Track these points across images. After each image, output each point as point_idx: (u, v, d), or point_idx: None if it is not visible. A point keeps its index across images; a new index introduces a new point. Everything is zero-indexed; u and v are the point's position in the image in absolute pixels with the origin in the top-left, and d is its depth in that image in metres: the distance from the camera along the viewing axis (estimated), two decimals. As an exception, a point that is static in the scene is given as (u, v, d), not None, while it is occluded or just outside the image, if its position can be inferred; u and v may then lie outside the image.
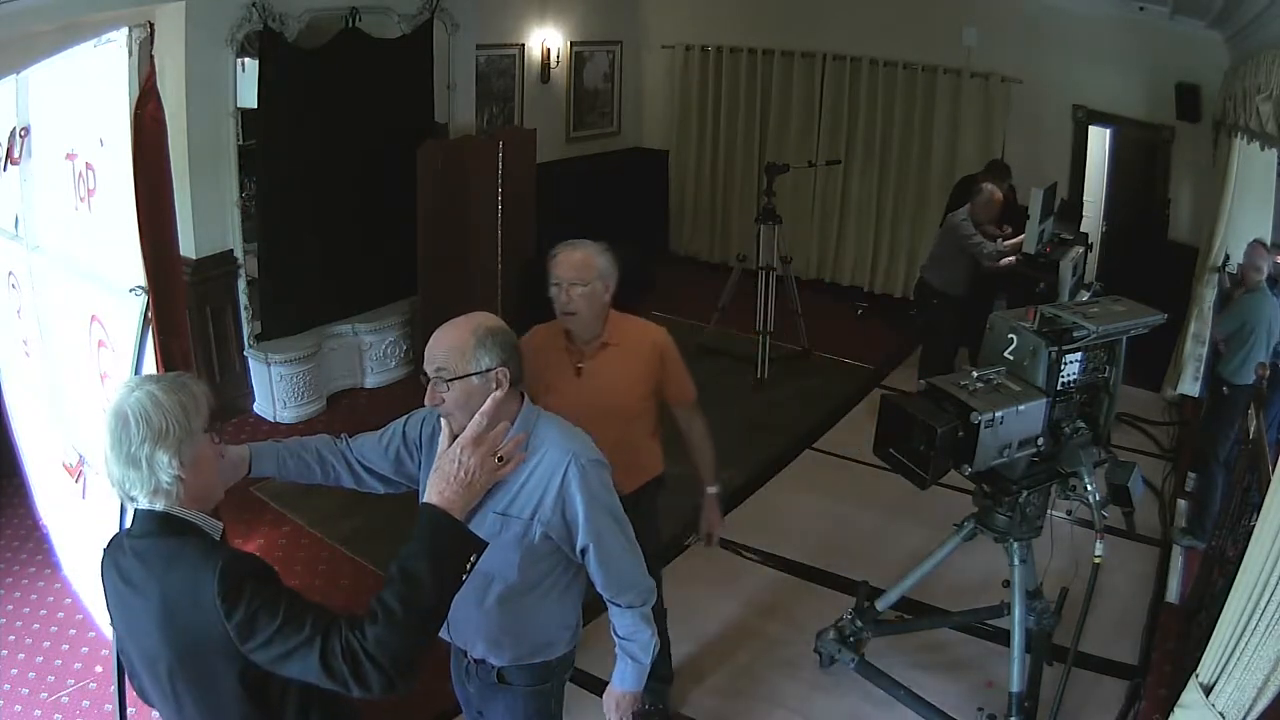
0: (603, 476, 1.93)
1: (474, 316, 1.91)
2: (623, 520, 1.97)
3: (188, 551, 1.50)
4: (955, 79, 6.91)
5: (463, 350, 1.83)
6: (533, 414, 1.96)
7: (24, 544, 4.02)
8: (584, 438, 1.97)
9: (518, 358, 1.90)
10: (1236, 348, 4.17)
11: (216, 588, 1.42)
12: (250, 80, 5.06)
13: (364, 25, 5.43)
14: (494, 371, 1.84)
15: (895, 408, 2.74)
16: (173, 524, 1.53)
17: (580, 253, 2.54)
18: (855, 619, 3.30)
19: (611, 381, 2.62)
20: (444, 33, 5.97)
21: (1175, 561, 4.14)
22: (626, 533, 1.98)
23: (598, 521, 1.91)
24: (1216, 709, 2.20)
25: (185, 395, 1.55)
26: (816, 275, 7.92)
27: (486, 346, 1.84)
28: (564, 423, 1.99)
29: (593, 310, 2.57)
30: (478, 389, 1.83)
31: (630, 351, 2.66)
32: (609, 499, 1.94)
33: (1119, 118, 6.35)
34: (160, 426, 1.49)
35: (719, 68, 8.02)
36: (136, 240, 2.35)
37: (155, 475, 1.49)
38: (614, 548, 1.95)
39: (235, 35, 4.82)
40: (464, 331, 1.86)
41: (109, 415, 1.51)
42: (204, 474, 1.56)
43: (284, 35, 4.99)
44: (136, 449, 1.48)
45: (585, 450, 1.92)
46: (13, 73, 2.89)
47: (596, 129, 8.21)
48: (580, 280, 2.52)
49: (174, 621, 1.47)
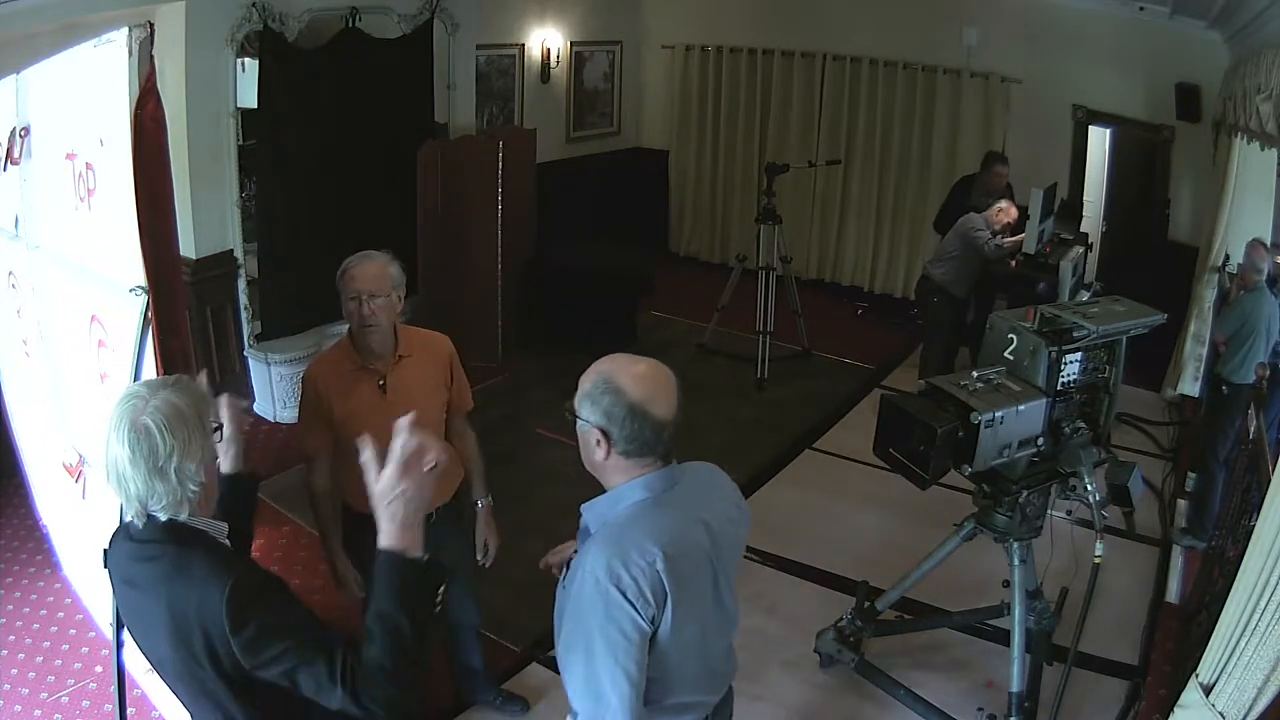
0: (610, 596, 1.57)
1: (620, 361, 1.68)
2: (598, 655, 1.59)
3: (195, 562, 1.47)
4: (955, 79, 6.91)
5: (582, 389, 1.67)
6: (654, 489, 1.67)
7: (24, 544, 4.02)
8: (633, 546, 1.60)
9: (633, 426, 1.61)
10: (1236, 347, 4.17)
11: (225, 608, 1.41)
12: (250, 80, 5.07)
13: (364, 25, 5.43)
14: (594, 430, 1.64)
15: (895, 408, 2.74)
16: (180, 531, 1.50)
17: (374, 264, 2.51)
18: (855, 619, 3.30)
19: (416, 393, 2.57)
20: (444, 33, 5.97)
21: (1175, 561, 4.14)
22: (595, 656, 1.59)
23: (573, 629, 1.63)
24: (1216, 709, 2.21)
25: (198, 398, 1.53)
26: (816, 275, 7.92)
27: (593, 399, 1.64)
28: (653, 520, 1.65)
29: (389, 321, 2.54)
30: (585, 438, 1.67)
31: (426, 360, 2.65)
32: (599, 620, 1.59)
33: (1119, 118, 6.35)
34: (185, 437, 1.46)
35: (719, 68, 8.03)
36: (136, 240, 2.35)
37: (183, 486, 1.46)
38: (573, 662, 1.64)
39: (235, 35, 4.82)
40: (592, 371, 1.68)
41: (124, 428, 1.45)
42: (211, 479, 1.55)
43: (284, 35, 4.99)
44: (164, 462, 1.44)
45: (620, 560, 1.59)
46: (13, 72, 2.89)
47: (596, 129, 8.21)
48: (379, 291, 2.48)
49: (179, 630, 1.45)
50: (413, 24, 5.72)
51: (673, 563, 1.60)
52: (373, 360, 2.57)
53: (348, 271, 2.50)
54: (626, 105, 8.43)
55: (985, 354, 2.88)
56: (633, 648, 1.57)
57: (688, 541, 1.67)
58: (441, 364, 2.71)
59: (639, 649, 1.58)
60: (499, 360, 6.19)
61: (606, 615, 1.56)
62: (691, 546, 1.67)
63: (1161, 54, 5.76)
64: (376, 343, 2.55)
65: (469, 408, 2.82)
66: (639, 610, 1.56)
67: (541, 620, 3.63)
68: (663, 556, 1.58)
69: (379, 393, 2.55)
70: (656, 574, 1.58)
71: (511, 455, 5.00)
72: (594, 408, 1.63)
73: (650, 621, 1.59)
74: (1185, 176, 6.00)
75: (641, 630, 1.58)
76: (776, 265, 6.12)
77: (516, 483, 4.69)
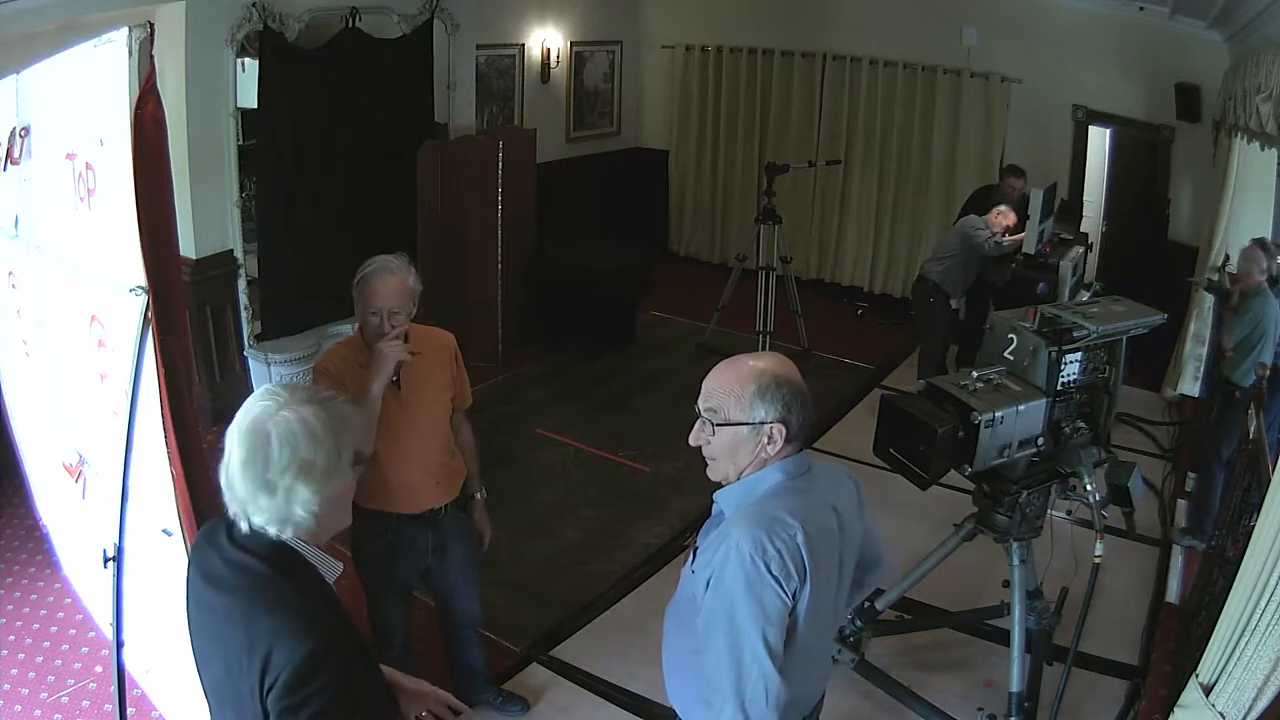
0: (755, 568, 1.58)
1: (765, 357, 1.72)
2: (740, 628, 1.59)
3: (288, 599, 1.36)
4: (955, 79, 6.91)
5: (739, 395, 1.65)
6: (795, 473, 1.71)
7: (24, 544, 4.02)
8: (775, 521, 1.61)
9: (802, 412, 1.67)
10: (1246, 351, 4.12)
11: (289, 672, 1.30)
12: (250, 80, 5.06)
13: (364, 25, 5.43)
14: (769, 426, 1.65)
15: (895, 408, 2.74)
16: (285, 555, 1.39)
17: (396, 278, 2.50)
18: (855, 619, 3.30)
19: (427, 390, 2.62)
20: (444, 33, 5.97)
21: (1175, 561, 4.14)
22: (737, 630, 1.59)
23: (714, 605, 1.62)
24: (1216, 709, 2.21)
25: (341, 426, 1.39)
26: (816, 275, 7.92)
27: (768, 398, 1.64)
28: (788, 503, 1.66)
29: (406, 329, 2.55)
30: (746, 440, 1.67)
31: (433, 357, 2.68)
32: (741, 593, 1.59)
33: (1119, 118, 6.35)
34: (310, 459, 1.34)
35: (719, 68, 8.03)
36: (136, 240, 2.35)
37: (289, 507, 1.35)
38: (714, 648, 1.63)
39: (235, 35, 4.82)
40: (745, 374, 1.67)
41: (244, 429, 1.36)
42: (336, 509, 1.42)
43: (284, 35, 4.99)
44: (276, 475, 1.34)
45: (762, 535, 1.59)
46: (13, 72, 2.89)
47: (596, 129, 8.21)
48: (401, 308, 2.49)
49: (236, 652, 1.36)
50: (413, 24, 5.72)
51: (811, 540, 1.61)
52: None
53: (369, 285, 2.47)
54: (626, 105, 8.44)
55: (985, 354, 2.87)
56: (775, 621, 1.58)
57: (822, 523, 1.69)
58: (448, 360, 2.73)
59: (779, 623, 1.59)
60: (499, 360, 6.19)
61: (748, 588, 1.57)
62: (825, 529, 1.70)
63: (1161, 54, 5.76)
64: None
65: (469, 404, 2.85)
66: (782, 584, 1.58)
67: (541, 620, 3.68)
68: (803, 531, 1.60)
69: (393, 390, 2.56)
70: (797, 547, 1.59)
71: (511, 455, 5.00)
72: (770, 404, 1.64)
73: (791, 597, 1.60)
74: (1185, 176, 6.00)
75: (783, 604, 1.59)
76: (776, 265, 6.13)
77: (516, 483, 4.69)
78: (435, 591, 2.94)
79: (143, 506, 2.47)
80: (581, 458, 5.06)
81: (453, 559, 2.81)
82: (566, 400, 5.82)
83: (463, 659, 3.11)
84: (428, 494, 2.68)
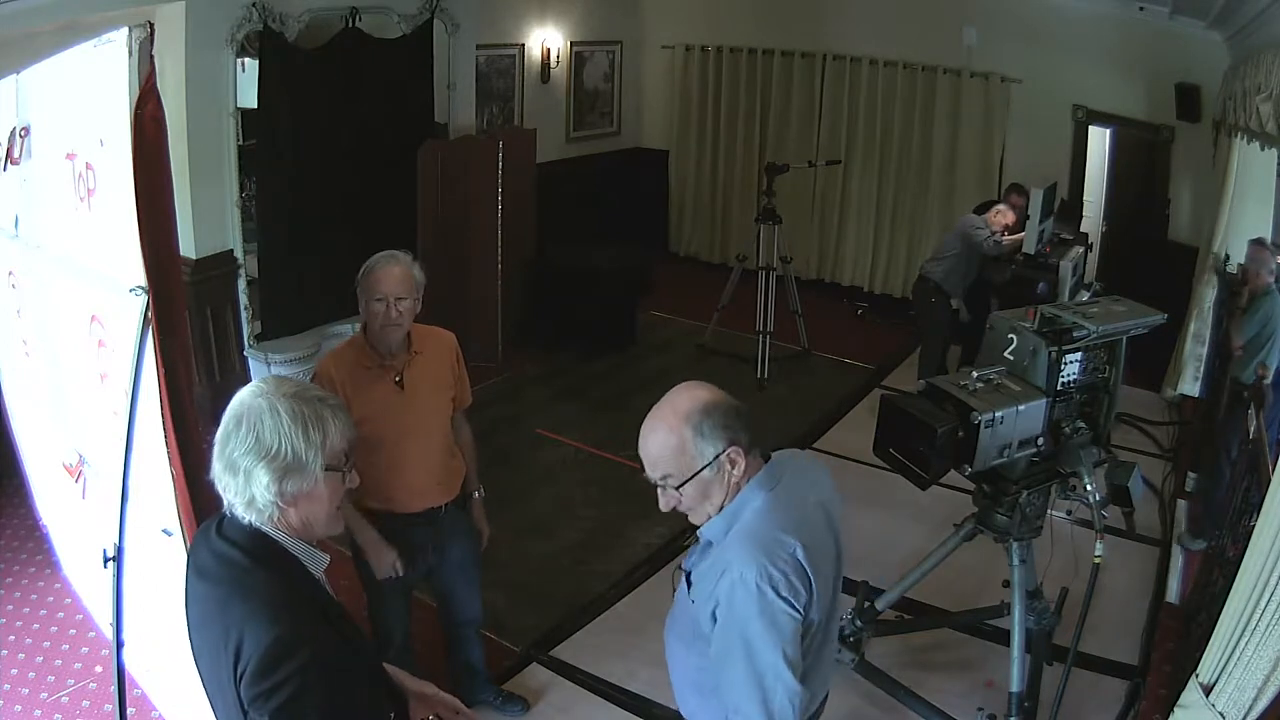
0: (763, 595, 1.58)
1: (677, 401, 1.67)
2: (758, 653, 1.60)
3: (260, 587, 1.37)
4: (955, 79, 6.91)
5: (681, 450, 1.63)
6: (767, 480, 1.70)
7: (24, 544, 4.02)
8: (775, 543, 1.62)
9: (741, 424, 1.67)
10: (1255, 351, 4.14)
11: (255, 662, 1.31)
12: (250, 80, 5.07)
13: (364, 25, 5.43)
14: (723, 456, 1.64)
15: (895, 408, 2.74)
16: (263, 544, 1.41)
17: (400, 266, 2.53)
18: (855, 619, 3.30)
19: (429, 389, 2.64)
20: (444, 33, 5.97)
21: (1175, 561, 4.14)
22: (755, 654, 1.60)
23: (728, 636, 1.62)
24: (1216, 709, 2.21)
25: (314, 425, 1.41)
26: (816, 275, 7.92)
27: (704, 434, 1.63)
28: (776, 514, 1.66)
29: (410, 322, 2.58)
30: (711, 480, 1.66)
31: (436, 356, 2.69)
32: (754, 619, 1.60)
33: (1119, 118, 6.35)
34: (271, 447, 1.38)
35: (719, 68, 8.03)
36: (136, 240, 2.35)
37: (250, 489, 1.39)
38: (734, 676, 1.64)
39: (235, 35, 4.82)
40: (674, 425, 1.64)
41: (228, 411, 1.41)
42: (312, 510, 1.44)
43: (284, 35, 4.99)
44: (239, 456, 1.38)
45: (762, 561, 1.59)
46: (13, 72, 2.88)
47: (596, 129, 8.21)
48: (406, 295, 2.52)
49: (215, 644, 1.38)
50: (413, 24, 5.72)
51: (809, 550, 1.63)
52: (389, 358, 2.60)
53: (373, 273, 2.51)
54: (626, 105, 8.44)
55: (985, 354, 2.87)
56: (791, 639, 1.60)
57: (815, 527, 1.72)
58: (449, 359, 2.75)
59: (795, 638, 1.61)
60: (499, 360, 6.19)
61: (761, 613, 1.58)
62: (818, 532, 1.72)
63: (1161, 54, 5.76)
64: (396, 342, 2.59)
65: (469, 403, 2.86)
66: (792, 603, 1.59)
67: (541, 620, 3.67)
68: (800, 546, 1.62)
69: (396, 389, 2.58)
70: (799, 562, 1.61)
71: (511, 455, 5.00)
72: (712, 436, 1.64)
73: (802, 610, 1.62)
74: (1185, 176, 6.00)
75: (796, 620, 1.61)
76: (776, 265, 6.13)
77: (516, 483, 4.69)
78: (435, 590, 2.95)
79: (143, 506, 2.47)
80: (581, 458, 5.06)
81: (452, 557, 2.82)
82: (566, 400, 5.82)
83: (463, 658, 3.11)
84: (428, 493, 2.69)
